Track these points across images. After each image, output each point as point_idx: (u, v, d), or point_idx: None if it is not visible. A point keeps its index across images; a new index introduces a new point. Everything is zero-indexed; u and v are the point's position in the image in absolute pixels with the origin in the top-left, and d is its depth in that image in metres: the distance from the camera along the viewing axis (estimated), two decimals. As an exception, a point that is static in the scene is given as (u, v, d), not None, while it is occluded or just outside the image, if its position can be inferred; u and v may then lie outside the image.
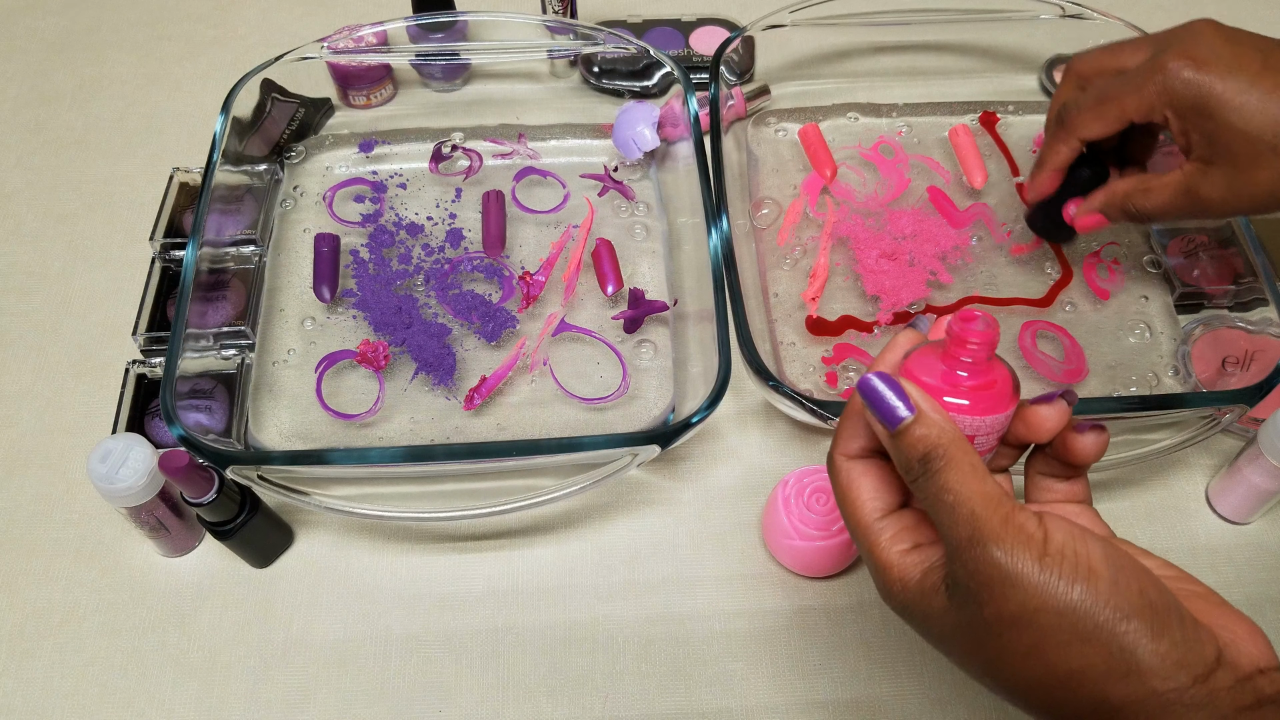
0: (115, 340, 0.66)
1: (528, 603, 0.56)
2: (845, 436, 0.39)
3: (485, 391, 0.61)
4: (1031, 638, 0.32)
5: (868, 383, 0.35)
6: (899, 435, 0.35)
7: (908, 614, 0.36)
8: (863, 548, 0.38)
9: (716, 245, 0.59)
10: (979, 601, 0.32)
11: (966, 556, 0.32)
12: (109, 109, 0.80)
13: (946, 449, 0.34)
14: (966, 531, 0.32)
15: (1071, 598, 0.31)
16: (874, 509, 0.37)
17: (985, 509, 0.32)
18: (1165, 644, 0.31)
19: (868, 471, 0.38)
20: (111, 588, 0.56)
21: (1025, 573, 0.31)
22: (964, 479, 0.33)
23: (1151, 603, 0.31)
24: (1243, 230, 0.62)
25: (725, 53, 0.70)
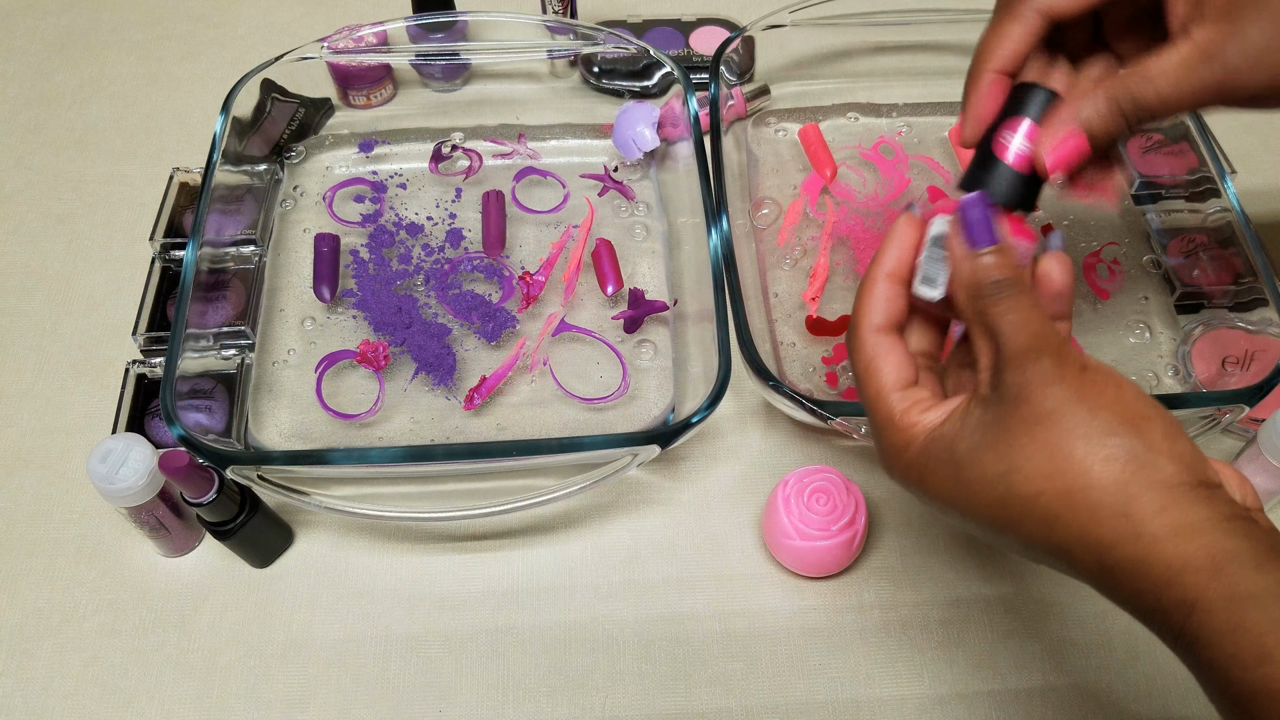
0: (115, 340, 0.66)
1: (528, 603, 0.56)
2: (869, 310, 0.41)
3: (485, 391, 0.61)
4: (1061, 430, 0.34)
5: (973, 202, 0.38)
6: (984, 255, 0.38)
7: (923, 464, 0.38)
8: (879, 414, 0.40)
9: (716, 245, 0.59)
10: (1019, 399, 0.35)
11: (1021, 360, 0.36)
12: (109, 109, 0.80)
13: (1023, 279, 0.37)
14: (1029, 341, 0.36)
15: (1105, 397, 0.35)
16: (895, 380, 0.40)
17: (1047, 331, 0.36)
18: (1177, 446, 0.34)
19: (892, 348, 0.40)
20: (111, 588, 0.56)
21: (1069, 378, 0.35)
22: (1033, 305, 0.37)
23: (1166, 417, 0.35)
24: (1243, 230, 0.62)
25: (725, 53, 0.70)
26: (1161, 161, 0.70)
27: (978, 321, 0.38)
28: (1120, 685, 0.53)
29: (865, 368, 0.40)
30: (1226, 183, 0.64)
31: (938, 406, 0.39)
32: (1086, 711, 0.52)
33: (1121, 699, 0.53)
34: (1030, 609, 0.55)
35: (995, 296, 0.37)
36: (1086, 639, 0.54)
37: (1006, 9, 0.43)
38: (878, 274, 0.41)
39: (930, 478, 0.38)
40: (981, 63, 0.43)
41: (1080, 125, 0.41)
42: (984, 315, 0.37)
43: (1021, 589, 0.56)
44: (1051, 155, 0.41)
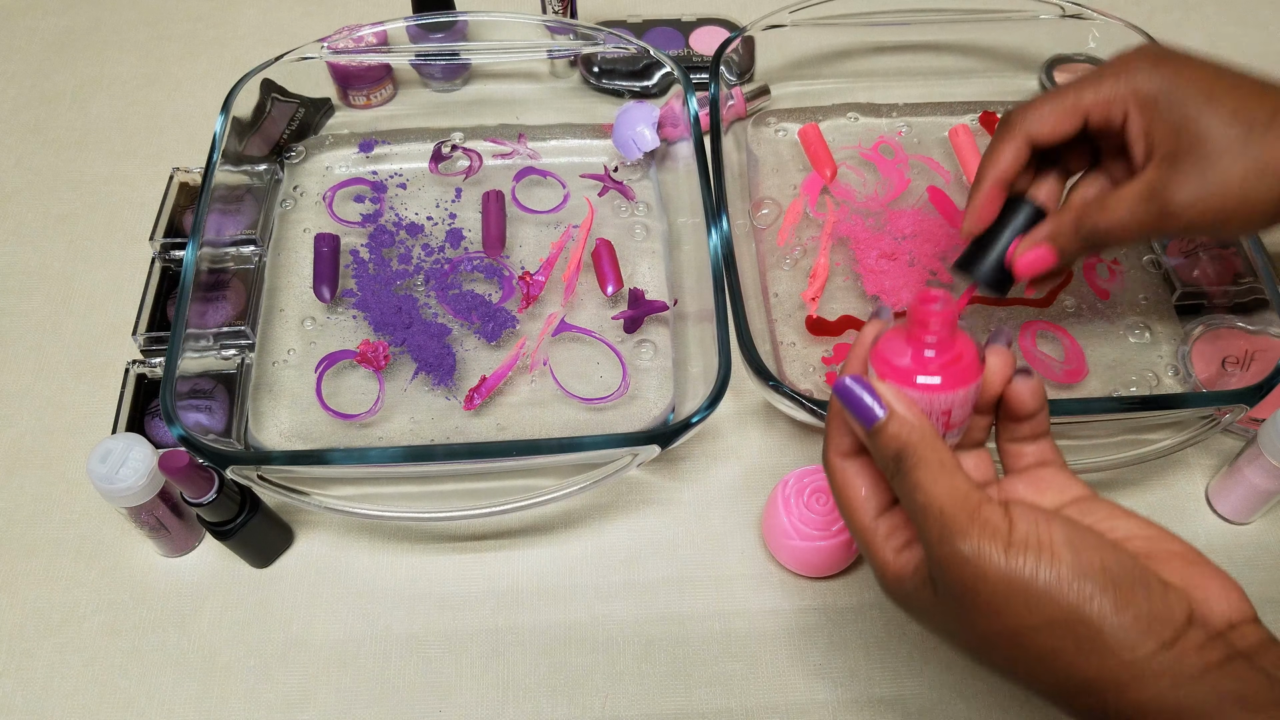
0: (115, 340, 0.66)
1: (528, 603, 0.56)
2: (835, 435, 0.40)
3: (485, 391, 0.61)
4: (1006, 623, 0.33)
5: (842, 384, 0.37)
6: (874, 434, 0.37)
7: (906, 607, 0.39)
8: (861, 546, 0.40)
9: (716, 245, 0.59)
10: (955, 594, 0.34)
11: (938, 553, 0.34)
12: (109, 109, 0.80)
13: (916, 447, 0.36)
14: (937, 528, 0.34)
15: (1036, 584, 0.33)
16: (870, 509, 0.39)
17: (953, 506, 0.34)
18: (1129, 615, 0.32)
19: (861, 470, 0.40)
20: (111, 588, 0.56)
21: (992, 564, 0.33)
22: (934, 477, 0.35)
23: (1114, 578, 0.33)
24: (1243, 230, 0.62)
25: (725, 53, 0.70)
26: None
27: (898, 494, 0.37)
28: (1120, 685, 0.53)
29: (839, 496, 0.40)
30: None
31: (908, 548, 0.38)
32: (1086, 711, 0.52)
33: (1121, 699, 0.52)
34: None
35: (900, 472, 0.36)
36: (1086, 639, 0.54)
37: (1003, 133, 0.51)
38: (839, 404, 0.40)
39: (913, 617, 0.39)
40: (983, 175, 0.52)
41: (1048, 241, 0.50)
42: (899, 492, 0.36)
43: (1021, 589, 0.56)
44: (1021, 262, 0.51)
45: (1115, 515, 0.37)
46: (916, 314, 0.38)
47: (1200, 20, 0.88)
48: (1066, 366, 0.62)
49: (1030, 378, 0.39)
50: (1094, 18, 0.74)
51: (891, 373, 0.38)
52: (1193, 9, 0.89)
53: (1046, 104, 0.50)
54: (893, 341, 0.39)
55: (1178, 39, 0.85)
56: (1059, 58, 0.79)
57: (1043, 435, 0.41)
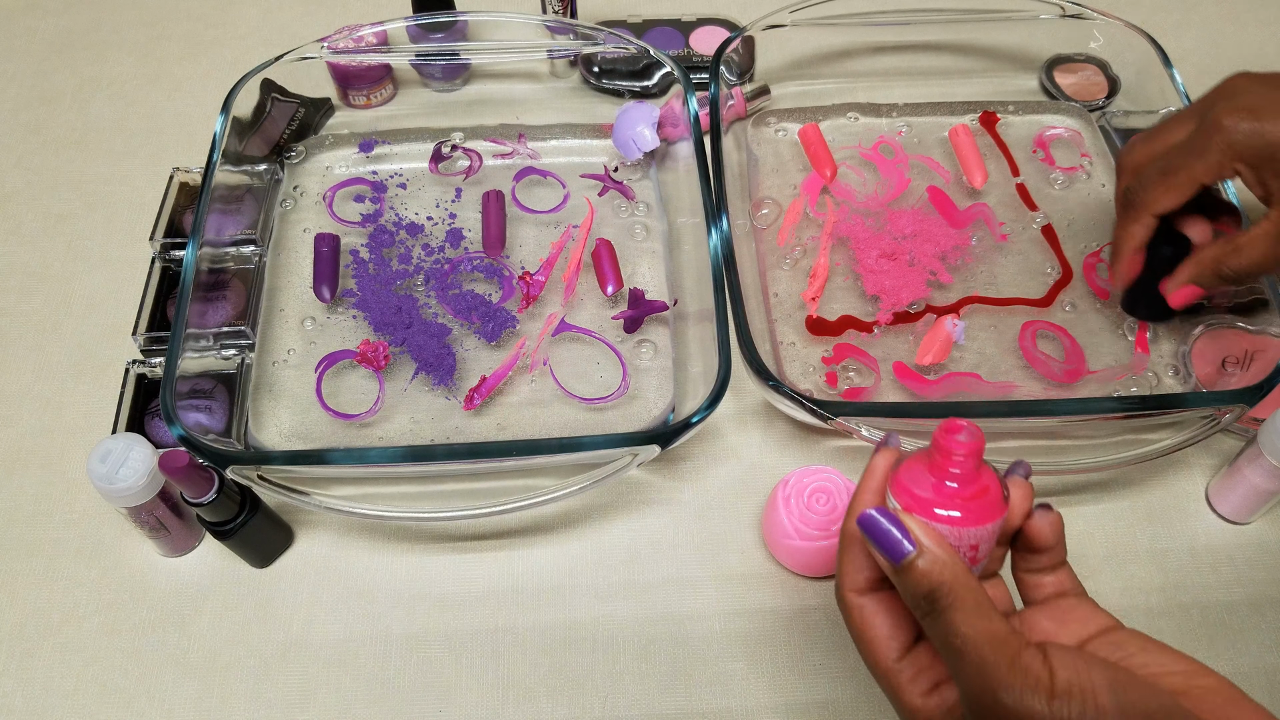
0: (115, 340, 0.66)
1: (528, 603, 0.56)
2: (850, 570, 0.39)
3: (485, 391, 0.61)
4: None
5: (869, 518, 0.36)
6: (903, 571, 0.35)
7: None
8: (885, 689, 0.38)
9: (716, 245, 0.59)
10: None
11: (978, 704, 0.33)
12: (109, 109, 0.80)
13: (951, 586, 0.34)
14: (976, 678, 0.33)
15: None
16: (891, 649, 0.38)
17: (993, 653, 0.33)
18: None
19: (880, 608, 0.38)
20: (111, 588, 0.56)
21: (1036, 716, 0.32)
22: (970, 619, 0.34)
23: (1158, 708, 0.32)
24: (1243, 230, 0.62)
25: (725, 53, 0.70)
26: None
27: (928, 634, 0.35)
28: (1120, 685, 0.53)
29: (859, 637, 0.39)
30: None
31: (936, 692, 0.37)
32: (1086, 711, 0.52)
33: (1121, 699, 0.52)
34: (1030, 609, 0.55)
35: (933, 613, 0.34)
36: (1086, 639, 0.54)
37: (1129, 214, 0.58)
38: (852, 528, 0.39)
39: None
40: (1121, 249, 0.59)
41: (1189, 280, 0.57)
42: (930, 633, 0.35)
43: (1021, 589, 0.56)
44: (1175, 300, 0.59)
45: (1148, 649, 0.36)
46: (943, 444, 0.36)
47: (1200, 20, 0.88)
48: (1066, 366, 0.62)
49: (1050, 513, 0.39)
50: (1094, 18, 0.75)
51: (916, 505, 0.36)
52: (1192, 9, 0.89)
53: (1162, 182, 0.56)
54: (914, 471, 0.37)
55: (1178, 39, 0.85)
56: (1059, 58, 0.79)
57: (1061, 565, 0.40)
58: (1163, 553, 0.57)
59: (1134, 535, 0.58)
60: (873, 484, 0.40)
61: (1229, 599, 0.56)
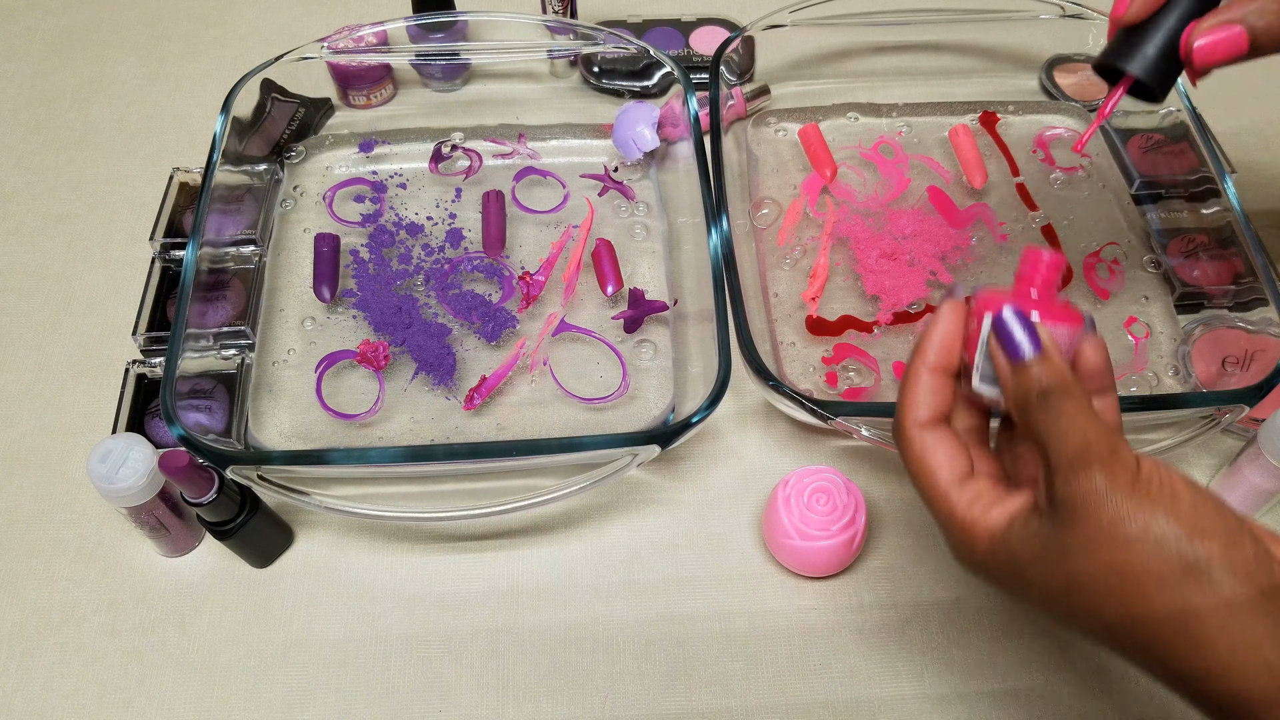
0: (115, 340, 0.66)
1: (528, 603, 0.56)
2: (913, 404, 0.40)
3: (485, 391, 0.61)
4: (1116, 552, 0.34)
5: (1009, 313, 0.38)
6: (1025, 368, 0.37)
7: (988, 565, 0.38)
8: (941, 513, 0.40)
9: (716, 245, 0.59)
10: (1074, 517, 0.35)
11: (1071, 475, 0.35)
12: (109, 109, 0.80)
13: (1069, 384, 0.37)
14: (1077, 452, 0.35)
15: (1158, 513, 0.34)
16: (950, 477, 0.39)
17: (1096, 436, 0.35)
18: (1237, 555, 0.33)
19: (941, 441, 0.40)
20: (111, 588, 0.56)
21: (1121, 492, 0.34)
22: (1080, 410, 0.36)
23: (1226, 519, 0.34)
24: (1242, 230, 0.62)
25: (725, 53, 0.70)
26: (1161, 161, 0.70)
27: (1027, 432, 0.37)
28: (1121, 685, 0.53)
29: (917, 467, 0.40)
30: (1226, 183, 0.64)
31: (998, 504, 0.38)
32: (1086, 711, 0.52)
33: (1122, 699, 0.52)
34: (1030, 609, 0.55)
35: (1044, 405, 0.36)
36: (1086, 639, 0.54)
37: None
38: (920, 367, 0.40)
39: (995, 577, 0.39)
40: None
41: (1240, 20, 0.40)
42: (1032, 426, 0.37)
43: (1021, 589, 0.56)
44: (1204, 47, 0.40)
45: None
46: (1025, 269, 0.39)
47: (1200, 20, 0.88)
48: (1066, 366, 0.62)
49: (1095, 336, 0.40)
50: (1094, 18, 0.74)
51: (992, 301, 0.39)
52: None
53: None
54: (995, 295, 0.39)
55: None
56: (1059, 58, 0.79)
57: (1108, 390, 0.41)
58: (1163, 553, 0.57)
59: (1134, 535, 0.58)
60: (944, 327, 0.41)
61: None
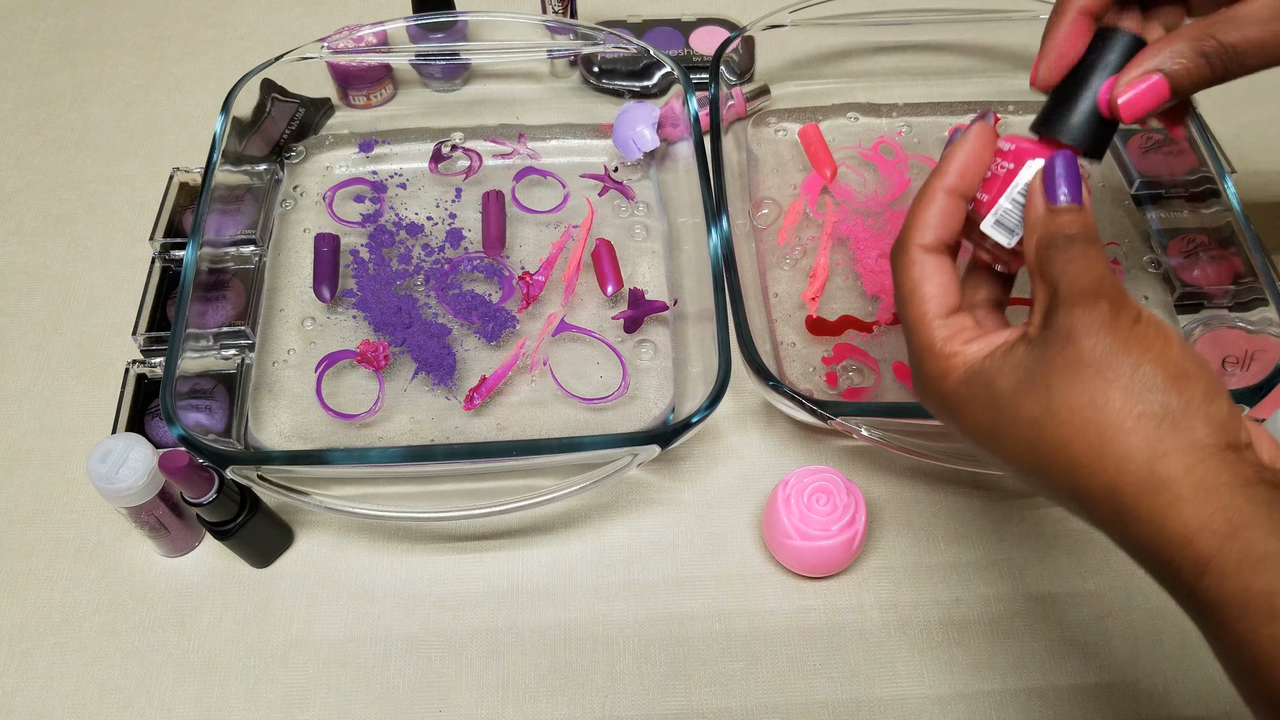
0: (115, 340, 0.66)
1: (528, 603, 0.56)
2: (921, 225, 0.41)
3: (485, 391, 0.61)
4: (1103, 379, 0.35)
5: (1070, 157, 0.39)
6: (1061, 211, 0.38)
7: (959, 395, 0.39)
8: (919, 339, 0.40)
9: (716, 245, 0.59)
10: (1069, 341, 0.36)
11: (1078, 304, 0.36)
12: (109, 109, 0.80)
13: (1096, 235, 0.38)
14: (1091, 286, 0.36)
15: (1149, 355, 0.35)
16: (939, 306, 0.40)
17: (1110, 282, 0.36)
18: (1214, 407, 0.34)
19: (940, 269, 0.40)
20: (111, 588, 0.56)
21: (1121, 326, 0.35)
22: (1102, 257, 0.37)
23: (1209, 376, 0.35)
24: (1243, 230, 0.62)
25: (725, 53, 0.70)
26: (1161, 161, 0.70)
27: (1041, 268, 0.38)
28: (1120, 686, 0.53)
29: (910, 289, 0.40)
30: (1226, 183, 0.64)
31: (981, 338, 0.39)
32: (1086, 711, 0.52)
33: (1121, 699, 0.53)
34: (1030, 609, 0.55)
35: (1071, 245, 0.37)
36: (1086, 639, 0.54)
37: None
38: (937, 187, 0.41)
39: (964, 412, 0.38)
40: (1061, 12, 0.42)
41: (1161, 71, 0.40)
42: (1050, 263, 0.37)
43: (1021, 589, 0.56)
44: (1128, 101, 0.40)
45: None
46: None
47: (1200, 20, 0.88)
48: (1066, 366, 0.62)
49: None
50: (1094, 18, 0.74)
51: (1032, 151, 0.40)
52: (1193, 9, 0.89)
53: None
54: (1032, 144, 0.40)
55: (1178, 39, 0.85)
56: (1059, 58, 0.79)
57: None
58: (1163, 553, 0.57)
59: (1134, 535, 0.58)
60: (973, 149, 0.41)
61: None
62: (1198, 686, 0.53)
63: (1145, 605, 0.55)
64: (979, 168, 0.41)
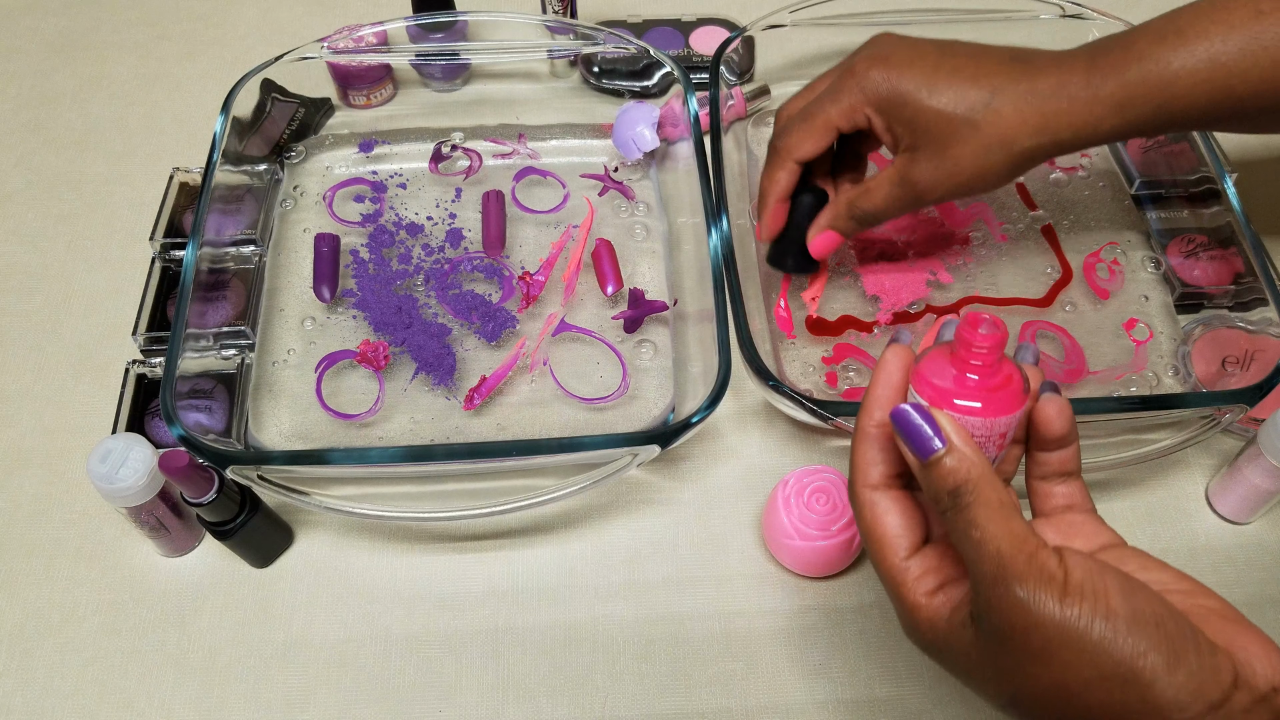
0: (115, 340, 0.66)
1: (528, 603, 0.56)
2: (864, 464, 0.39)
3: (485, 391, 0.61)
4: (1054, 674, 0.32)
5: (902, 413, 0.36)
6: (930, 466, 0.35)
7: (934, 651, 0.37)
8: (889, 586, 0.38)
9: (716, 245, 0.59)
10: (1002, 637, 0.33)
11: (991, 594, 0.33)
12: (109, 109, 0.80)
13: (976, 484, 0.34)
14: (992, 569, 0.33)
15: (1091, 636, 0.32)
16: (901, 547, 0.38)
17: (1011, 547, 0.33)
18: (1181, 675, 0.31)
19: (893, 506, 0.38)
20: (111, 588, 0.56)
21: (1047, 612, 0.32)
22: (992, 516, 0.34)
23: (1168, 634, 0.32)
24: (1243, 230, 0.62)
25: (725, 53, 0.70)
26: (1161, 161, 0.70)
27: (947, 530, 0.35)
28: (1120, 685, 0.53)
29: (868, 533, 0.39)
30: (1226, 183, 0.64)
31: (942, 590, 0.37)
32: (1086, 711, 0.52)
33: (1121, 699, 0.52)
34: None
35: (955, 508, 0.34)
36: (1086, 639, 0.54)
37: (773, 160, 0.59)
38: (867, 425, 0.39)
39: (944, 663, 0.37)
40: (766, 196, 0.60)
41: (828, 225, 0.59)
42: (950, 532, 0.35)
43: (1021, 589, 0.56)
44: (815, 246, 0.60)
45: (1149, 566, 0.36)
46: (965, 336, 0.36)
47: (1200, 20, 0.88)
48: (1067, 366, 0.62)
49: (1058, 396, 0.38)
50: (1094, 18, 0.74)
51: (938, 396, 0.37)
52: (1193, 9, 0.89)
53: (801, 128, 0.57)
54: (936, 363, 0.38)
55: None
56: (1059, 58, 0.79)
57: (1073, 475, 0.40)
58: (1162, 553, 0.57)
59: (1134, 535, 0.58)
60: (888, 379, 0.40)
61: (1229, 599, 0.55)
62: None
63: (1145, 605, 0.55)
64: (899, 395, 0.40)
